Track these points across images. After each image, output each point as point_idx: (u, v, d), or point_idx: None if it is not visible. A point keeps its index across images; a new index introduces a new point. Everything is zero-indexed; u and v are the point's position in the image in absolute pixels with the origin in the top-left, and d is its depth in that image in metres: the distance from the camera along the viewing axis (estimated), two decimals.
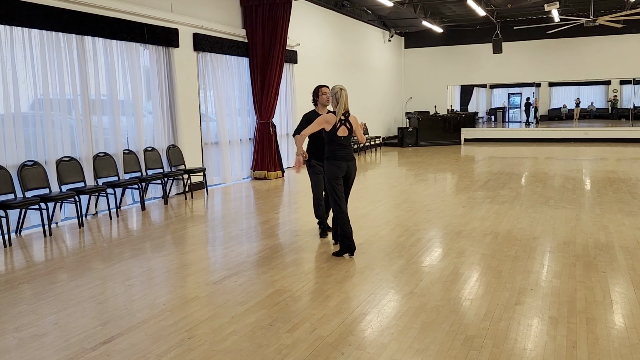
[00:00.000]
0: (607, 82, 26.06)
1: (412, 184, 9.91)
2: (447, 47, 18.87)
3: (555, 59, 17.63)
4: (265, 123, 10.77)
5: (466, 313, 3.78)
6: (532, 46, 17.65)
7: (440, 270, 4.76)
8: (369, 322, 3.67)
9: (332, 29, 14.55)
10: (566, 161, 12.88)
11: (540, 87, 27.74)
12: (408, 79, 19.65)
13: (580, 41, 17.07)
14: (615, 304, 3.86)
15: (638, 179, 9.79)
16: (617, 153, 14.20)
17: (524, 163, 12.77)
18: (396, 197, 8.55)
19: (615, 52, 16.87)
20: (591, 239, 5.63)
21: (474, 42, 18.35)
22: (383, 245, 5.60)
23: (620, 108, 25.61)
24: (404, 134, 17.31)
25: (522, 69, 17.97)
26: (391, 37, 18.32)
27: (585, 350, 3.17)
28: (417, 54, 19.47)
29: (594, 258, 4.97)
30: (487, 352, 3.19)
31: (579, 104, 27.10)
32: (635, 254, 5.06)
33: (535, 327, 3.52)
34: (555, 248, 5.36)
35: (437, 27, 17.13)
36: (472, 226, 6.34)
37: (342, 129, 5.06)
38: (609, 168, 11.38)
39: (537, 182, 9.65)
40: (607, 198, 7.89)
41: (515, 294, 4.12)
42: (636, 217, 6.58)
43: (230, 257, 5.35)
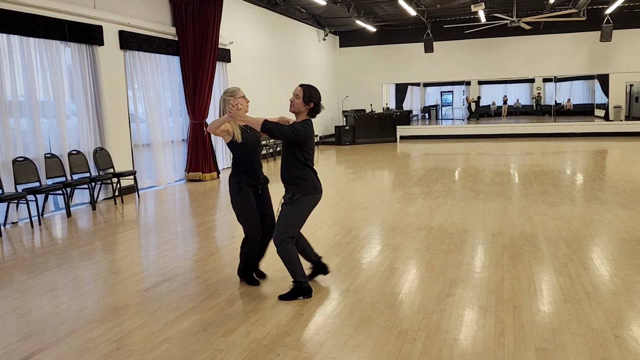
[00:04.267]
0: (531, 80, 27.41)
1: (350, 181, 10.00)
2: (381, 46, 19.20)
3: (483, 58, 18.35)
4: (199, 123, 10.52)
5: (400, 307, 3.83)
6: (461, 46, 18.28)
7: (376, 267, 4.81)
8: (305, 322, 3.65)
9: (266, 28, 14.44)
10: (495, 156, 13.44)
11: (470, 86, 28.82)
12: (344, 78, 19.85)
13: (505, 41, 17.84)
14: (539, 291, 4.04)
15: (560, 172, 10.35)
16: (541, 147, 14.97)
17: (456, 159, 13.20)
18: (334, 195, 8.59)
19: (537, 51, 17.77)
20: (517, 230, 5.88)
21: (406, 41, 18.77)
22: (320, 244, 5.59)
23: (544, 105, 27.01)
24: (341, 133, 17.47)
25: (453, 67, 18.58)
26: (326, 36, 18.42)
27: (511, 337, 3.28)
28: (352, 53, 19.70)
29: (520, 248, 5.19)
30: (420, 345, 3.24)
31: (506, 101, 28.37)
32: (556, 242, 5.33)
33: (465, 317, 3.61)
34: (484, 240, 5.56)
35: (370, 27, 17.39)
36: (407, 222, 6.46)
37: None
38: (534, 162, 11.97)
39: (469, 177, 10.00)
40: (532, 190, 8.28)
41: (447, 286, 4.22)
42: (558, 208, 6.93)
43: (163, 262, 5.17)
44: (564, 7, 15.45)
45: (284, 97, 15.28)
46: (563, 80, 22.82)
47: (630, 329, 3.34)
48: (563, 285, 4.15)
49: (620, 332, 3.30)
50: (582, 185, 8.75)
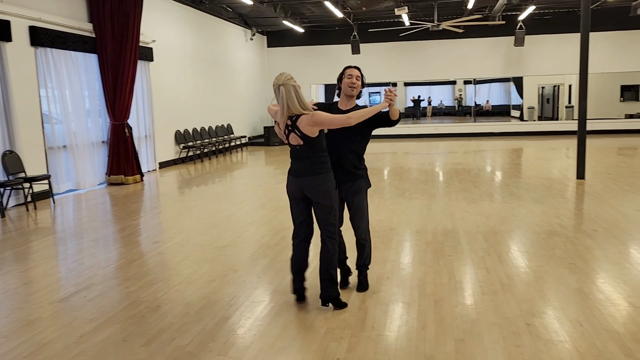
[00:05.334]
0: (453, 82, 28.61)
1: (279, 182, 9.96)
2: (309, 47, 19.30)
3: (408, 60, 18.90)
4: (120, 124, 10.10)
5: (327, 307, 3.84)
6: (387, 48, 18.73)
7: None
8: (231, 326, 3.58)
9: (191, 26, 14.10)
10: (420, 155, 13.88)
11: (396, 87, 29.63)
12: (272, 78, 19.52)
13: (429, 44, 18.47)
14: (458, 284, 4.20)
15: (479, 170, 10.86)
16: (463, 146, 15.64)
17: (383, 158, 13.50)
18: (262, 196, 8.53)
19: (458, 54, 18.54)
20: (440, 226, 6.09)
21: (334, 42, 18.98)
22: (247, 246, 5.53)
23: (465, 106, 28.27)
24: (271, 133, 17.38)
25: (379, 69, 18.99)
26: (253, 36, 18.27)
27: (433, 330, 3.39)
28: (280, 53, 19.66)
29: (441, 244, 5.37)
30: (346, 343, 3.27)
31: (430, 102, 29.43)
32: (475, 237, 5.58)
33: (390, 313, 3.69)
34: (409, 237, 5.71)
35: (298, 27, 17.43)
36: None
37: (292, 136, 3.60)
38: (456, 160, 12.47)
39: (395, 176, 10.26)
40: (453, 188, 8.62)
41: (373, 283, 4.29)
42: (477, 204, 7.26)
43: (80, 270, 4.90)
44: (481, 13, 16.23)
45: (210, 97, 15.04)
46: (482, 82, 23.98)
47: (540, 316, 3.54)
48: (481, 278, 4.34)
49: (531, 320, 3.49)
50: (500, 182, 9.22)
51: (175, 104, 13.10)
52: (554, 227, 5.88)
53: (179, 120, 13.28)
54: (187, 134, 13.61)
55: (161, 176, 11.31)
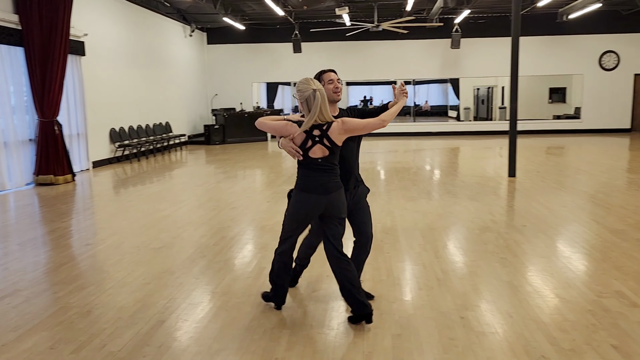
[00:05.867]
0: (394, 82, 29.20)
1: (219, 181, 9.80)
2: (250, 45, 19.11)
3: (350, 59, 19.08)
4: (49, 122, 9.60)
5: (266, 306, 3.81)
6: (329, 47, 18.84)
7: (243, 267, 4.75)
8: (167, 329, 3.48)
9: (126, 20, 13.61)
10: (361, 154, 14.00)
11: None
12: (213, 76, 19.42)
13: (369, 44, 18.73)
14: (396, 281, 4.28)
15: (418, 168, 11.12)
16: (403, 145, 15.98)
17: None
18: (201, 196, 8.36)
19: (398, 55, 18.92)
20: (379, 224, 6.18)
21: (276, 40, 18.89)
22: (185, 247, 5.40)
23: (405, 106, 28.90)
24: (211, 132, 17.09)
25: (321, 68, 19.00)
26: (192, 32, 17.88)
27: (370, 326, 3.42)
28: (221, 51, 19.35)
29: (381, 241, 5.45)
30: (284, 342, 3.25)
31: (372, 102, 29.89)
32: (412, 234, 5.70)
33: (329, 311, 3.70)
34: (349, 235, 5.74)
35: (239, 25, 17.22)
36: (276, 220, 6.48)
37: (318, 147, 3.25)
38: (396, 159, 12.73)
39: None
40: (393, 186, 8.78)
41: (314, 282, 4.30)
42: (416, 202, 7.43)
43: (3, 276, 4.61)
44: (419, 15, 16.64)
45: (147, 94, 14.59)
46: (421, 83, 24.58)
47: (474, 310, 3.66)
48: (418, 274, 4.44)
49: (465, 313, 3.60)
50: (437, 180, 9.49)
51: (110, 101, 12.61)
52: (486, 223, 6.11)
53: (114, 117, 12.79)
54: (122, 132, 13.14)
55: (95, 176, 10.86)
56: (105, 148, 12.51)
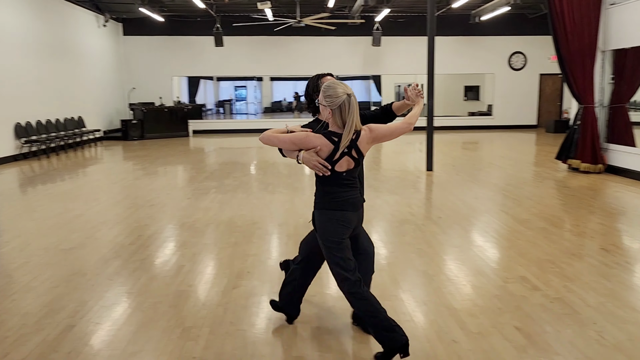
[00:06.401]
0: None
1: (137, 178, 9.43)
2: (170, 37, 18.51)
3: (273, 54, 18.99)
4: None
5: (185, 305, 3.72)
6: (252, 42, 18.64)
7: (160, 266, 4.60)
8: (77, 334, 3.30)
9: (31, 8, 12.71)
10: None
11: (262, 81, 29.71)
12: (130, 68, 18.61)
13: (292, 40, 18.73)
14: (318, 274, 4.29)
15: None
16: None
17: (249, 152, 13.44)
18: (117, 193, 8.00)
19: (320, 51, 19.07)
20: (301, 219, 6.21)
21: (197, 34, 18.42)
22: (98, 247, 5.15)
23: None
24: (129, 127, 16.39)
25: (244, 63, 18.85)
26: (106, 22, 17.04)
27: (283, 318, 3.44)
28: (139, 42, 18.58)
29: (302, 236, 5.45)
30: (203, 340, 3.19)
31: (296, 97, 29.96)
32: None
33: (249, 307, 3.67)
34: (271, 231, 5.75)
35: (157, 16, 16.62)
36: (196, 217, 6.34)
37: (346, 160, 2.84)
38: None
39: (259, 170, 10.27)
40: None
41: (234, 278, 4.25)
42: None
43: None
44: (341, 12, 16.87)
45: (57, 86, 13.74)
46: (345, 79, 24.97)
47: (391, 299, 3.77)
48: None
49: (383, 303, 3.67)
50: None
51: (14, 94, 11.74)
52: (405, 216, 6.31)
53: (18, 111, 11.93)
54: (29, 127, 12.29)
55: None
56: (10, 144, 11.65)
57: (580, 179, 8.68)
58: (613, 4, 9.02)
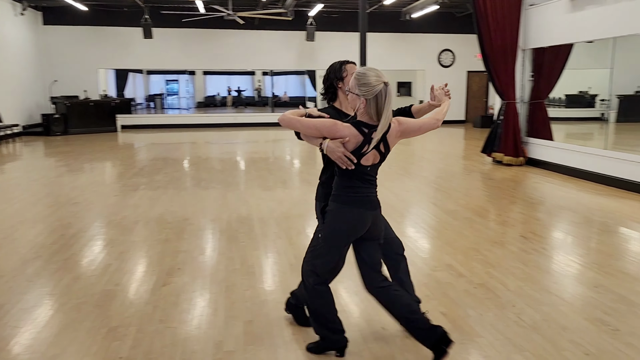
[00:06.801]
0: (252, 72, 29.11)
1: (59, 175, 8.96)
2: (95, 28, 17.67)
3: (205, 48, 18.58)
4: None
5: (111, 305, 3.59)
6: (184, 34, 18.15)
7: (85, 265, 4.41)
8: None
9: None
10: (219, 145, 13.84)
11: (195, 75, 29.01)
12: (51, 60, 17.59)
13: (225, 33, 18.41)
14: (250, 269, 4.29)
15: (276, 158, 11.27)
16: (261, 136, 16.04)
17: (181, 148, 13.12)
18: (37, 191, 7.57)
19: (254, 45, 18.87)
20: (235, 214, 6.15)
21: (124, 24, 17.70)
22: (16, 248, 4.85)
23: (264, 96, 29.02)
24: (50, 122, 15.53)
25: (175, 56, 18.32)
26: (24, 11, 16.01)
27: (222, 315, 3.40)
28: (60, 33, 17.60)
29: (236, 231, 5.43)
30: (130, 340, 3.09)
31: (230, 91, 29.53)
32: (267, 222, 5.76)
33: (180, 304, 3.59)
34: (203, 226, 5.64)
35: (80, 5, 15.82)
36: (124, 214, 6.12)
37: (372, 154, 2.66)
38: (254, 149, 12.74)
39: (192, 166, 10.05)
40: (250, 176, 8.78)
41: (164, 275, 4.14)
42: (272, 191, 7.51)
43: None
44: (274, 6, 16.77)
45: None
46: (279, 74, 24.87)
47: None
48: (272, 261, 4.50)
49: None
50: (294, 170, 9.69)
51: None
52: None
53: None
54: None
55: None
56: None
57: (503, 171, 9.13)
58: (532, 5, 9.53)
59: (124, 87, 24.05)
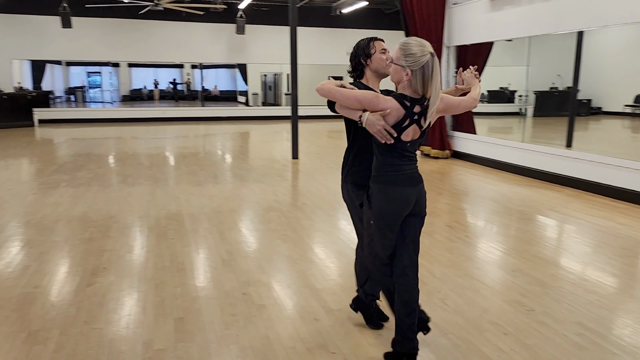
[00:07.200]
0: (181, 65, 28.35)
1: None
2: (8, 16, 16.52)
3: (130, 39, 17.86)
4: None
5: (31, 308, 3.40)
6: (106, 24, 17.35)
7: (1, 268, 4.14)
8: None
9: None
10: (147, 140, 13.38)
11: (119, 68, 27.84)
12: None
13: (152, 24, 17.78)
14: (180, 266, 4.20)
15: (206, 153, 11.06)
16: (191, 130, 15.67)
17: (105, 143, 12.57)
18: None
19: (182, 38, 18.36)
20: (164, 210, 5.99)
21: (40, 12, 16.68)
22: None
23: (193, 90, 28.36)
24: None
25: (97, 47, 17.48)
26: None
27: (152, 314, 3.31)
28: None
29: (165, 227, 5.29)
30: (53, 343, 2.95)
31: (157, 85, 28.61)
32: (198, 218, 5.66)
33: (106, 304, 3.47)
34: (130, 224, 5.46)
35: None
36: (43, 213, 5.80)
37: (412, 129, 2.56)
38: (184, 144, 12.44)
39: (118, 162, 9.66)
40: (180, 172, 8.58)
41: (88, 275, 3.97)
42: (202, 187, 7.37)
43: None
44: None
45: None
46: (209, 67, 24.39)
47: (256, 285, 3.80)
48: (202, 257, 4.43)
49: (247, 289, 3.72)
50: (225, 165, 9.56)
51: None
52: (271, 204, 6.38)
53: None
54: None
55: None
56: None
57: (431, 164, 9.47)
58: (455, 4, 9.91)
59: (42, 79, 22.69)
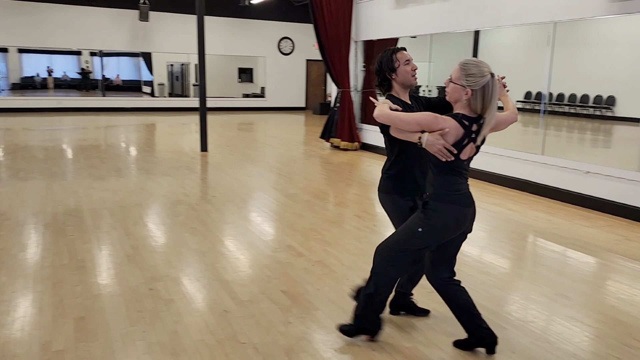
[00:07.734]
0: (79, 52, 26.62)
1: None
2: None
3: (21, 23, 16.46)
4: None
5: None
6: None
7: None
8: None
9: None
10: (41, 131, 12.45)
11: (8, 53, 25.60)
12: None
13: (44, 7, 16.53)
14: (80, 263, 3.99)
15: (108, 146, 10.52)
16: (90, 122, 14.80)
17: None
18: None
19: (80, 22, 17.22)
20: (61, 206, 5.63)
21: None
22: None
23: (93, 79, 26.76)
24: None
25: None
26: None
27: (49, 314, 3.13)
28: None
29: (63, 224, 4.98)
30: None
31: (51, 72, 26.68)
32: (100, 213, 5.39)
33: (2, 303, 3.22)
34: (23, 221, 5.08)
35: None
36: None
37: (470, 147, 2.58)
38: (83, 136, 11.73)
39: (7, 155, 8.92)
40: (79, 165, 8.09)
41: None
42: (104, 180, 7.01)
43: None
44: None
45: None
46: (110, 55, 23.10)
47: (163, 280, 3.70)
48: (105, 253, 4.23)
49: (154, 284, 3.61)
50: (130, 157, 9.16)
51: None
52: (179, 197, 6.21)
53: None
54: None
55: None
56: None
57: (340, 156, 9.68)
58: (362, 0, 10.17)
59: None
